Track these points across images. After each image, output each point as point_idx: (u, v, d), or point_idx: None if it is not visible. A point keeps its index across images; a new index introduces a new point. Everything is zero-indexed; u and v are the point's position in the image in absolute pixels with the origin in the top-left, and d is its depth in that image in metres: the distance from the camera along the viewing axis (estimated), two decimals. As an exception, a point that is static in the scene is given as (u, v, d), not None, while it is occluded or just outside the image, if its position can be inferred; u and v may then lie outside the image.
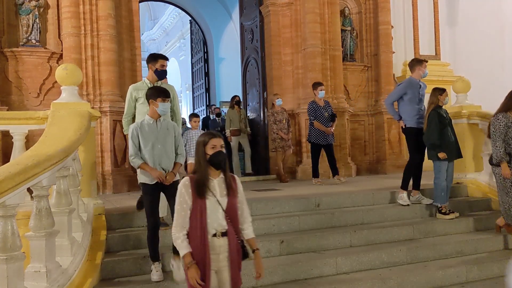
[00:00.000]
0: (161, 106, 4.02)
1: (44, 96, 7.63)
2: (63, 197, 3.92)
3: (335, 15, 9.44)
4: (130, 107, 4.83)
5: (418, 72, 6.18)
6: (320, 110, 7.70)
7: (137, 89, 4.80)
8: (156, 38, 22.66)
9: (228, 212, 2.86)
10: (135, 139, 4.01)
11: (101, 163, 7.39)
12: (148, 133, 4.02)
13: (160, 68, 4.75)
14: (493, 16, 11.36)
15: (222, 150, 2.89)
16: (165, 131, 4.09)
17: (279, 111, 8.54)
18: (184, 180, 2.90)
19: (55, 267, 3.48)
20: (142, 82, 4.87)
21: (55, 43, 7.80)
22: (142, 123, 4.06)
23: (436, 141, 5.75)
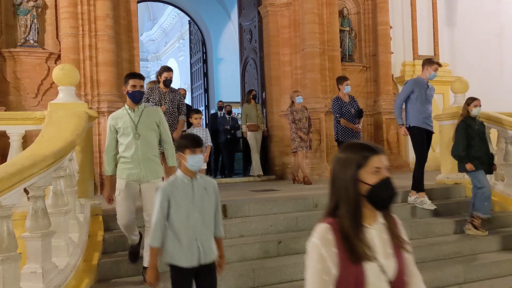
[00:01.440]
0: (191, 160, 2.97)
1: (42, 97, 7.63)
2: (60, 198, 3.92)
3: (334, 15, 9.45)
4: (110, 140, 4.03)
5: (426, 71, 6.02)
6: (346, 106, 7.11)
7: (117, 118, 4.02)
8: (155, 39, 22.67)
9: (396, 283, 1.66)
10: (164, 203, 2.95)
11: (99, 163, 7.37)
12: (181, 196, 2.97)
13: (131, 89, 3.96)
14: (492, 16, 11.38)
15: (388, 175, 1.71)
16: (203, 192, 3.02)
17: (298, 110, 8.01)
18: (321, 230, 1.68)
19: (51, 268, 3.47)
20: (123, 109, 4.08)
21: (53, 43, 7.79)
22: (175, 182, 3.00)
23: (461, 153, 5.52)
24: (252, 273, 4.34)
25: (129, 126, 3.95)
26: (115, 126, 4.00)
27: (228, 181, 9.28)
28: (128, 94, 3.97)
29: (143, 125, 3.98)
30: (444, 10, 11.16)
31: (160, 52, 22.68)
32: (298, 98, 8.01)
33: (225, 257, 3.22)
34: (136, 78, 4.01)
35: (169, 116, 5.75)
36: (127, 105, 4.04)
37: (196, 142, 3.03)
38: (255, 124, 9.24)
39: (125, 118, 3.96)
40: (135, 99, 3.98)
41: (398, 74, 10.59)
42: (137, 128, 3.95)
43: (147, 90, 5.78)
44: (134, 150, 3.93)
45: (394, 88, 10.46)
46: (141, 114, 4.01)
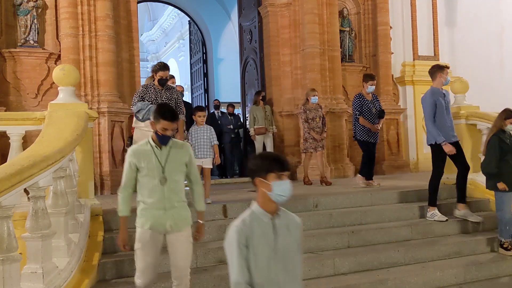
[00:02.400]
0: (278, 188, 2.23)
1: (42, 97, 7.63)
2: (60, 198, 3.91)
3: (334, 15, 9.44)
4: (129, 179, 3.35)
5: (439, 79, 5.76)
6: (367, 104, 6.92)
7: (139, 155, 3.31)
8: (155, 39, 22.68)
9: None
10: (243, 249, 2.20)
11: (99, 163, 7.38)
12: (261, 239, 2.23)
13: (161, 132, 3.27)
14: (492, 16, 11.37)
15: None
16: (286, 234, 2.30)
17: (312, 108, 7.73)
18: None
19: (51, 268, 3.47)
20: (146, 143, 3.36)
21: (53, 43, 7.79)
22: (252, 222, 2.25)
23: (494, 170, 5.26)
24: None
25: (155, 167, 3.27)
26: (137, 164, 3.29)
27: (227, 181, 9.28)
28: (157, 134, 3.29)
29: (171, 166, 3.30)
30: (444, 10, 11.16)
31: (160, 52, 22.68)
32: (313, 98, 7.75)
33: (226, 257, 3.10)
34: (170, 121, 3.23)
35: None
36: (153, 140, 3.32)
37: (283, 163, 2.27)
38: (262, 127, 8.94)
39: (150, 157, 3.28)
40: (163, 141, 3.31)
41: (398, 75, 10.59)
42: (164, 171, 3.27)
43: (141, 88, 5.68)
44: (160, 197, 3.26)
45: (394, 88, 10.46)
46: (169, 153, 3.31)
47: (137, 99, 5.52)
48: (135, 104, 5.52)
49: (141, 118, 5.38)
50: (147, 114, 5.25)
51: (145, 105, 5.37)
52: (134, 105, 5.53)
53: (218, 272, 4.26)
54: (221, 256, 4.56)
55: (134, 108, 5.52)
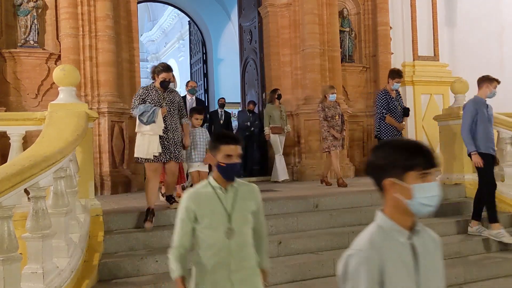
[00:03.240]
0: (423, 191, 1.57)
1: (42, 97, 7.63)
2: (60, 198, 3.91)
3: (334, 16, 9.45)
4: (184, 233, 2.51)
5: (485, 90, 5.62)
6: (393, 102, 6.58)
7: (199, 199, 2.50)
8: (155, 39, 22.69)
9: None
10: None
11: (99, 164, 7.38)
12: (399, 268, 1.58)
13: (224, 161, 2.49)
14: (492, 16, 11.37)
15: None
16: (427, 258, 1.65)
17: (331, 106, 7.47)
18: None
19: (52, 268, 3.47)
20: (206, 185, 2.54)
21: (53, 44, 7.79)
22: (383, 244, 1.59)
23: None
24: None
25: (219, 216, 2.47)
26: (196, 212, 2.47)
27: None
28: (219, 168, 2.49)
29: (240, 214, 2.50)
30: (444, 10, 11.16)
31: (160, 53, 22.69)
32: (332, 95, 7.46)
33: None
34: (232, 144, 2.50)
35: (170, 119, 5.18)
36: (214, 179, 2.54)
37: (430, 156, 1.58)
38: (278, 127, 8.62)
39: (213, 203, 2.48)
40: (228, 175, 2.50)
41: (398, 75, 10.57)
42: (231, 221, 2.47)
43: (142, 90, 5.24)
44: (226, 255, 2.46)
45: (394, 88, 10.44)
46: (236, 197, 2.51)
47: (138, 102, 5.11)
48: (136, 107, 5.08)
49: (145, 121, 4.96)
50: (151, 117, 4.95)
51: (149, 107, 4.99)
52: (134, 108, 5.08)
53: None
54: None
55: (135, 111, 5.05)
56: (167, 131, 5.11)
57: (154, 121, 4.96)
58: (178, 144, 5.23)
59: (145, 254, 4.38)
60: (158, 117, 4.99)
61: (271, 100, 8.74)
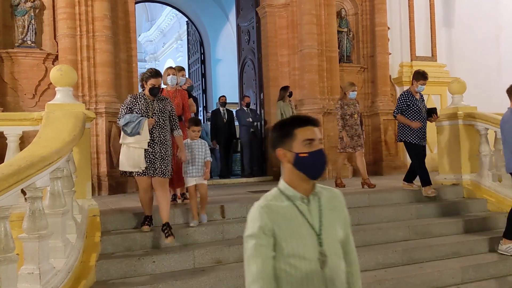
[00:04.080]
0: None
1: (40, 97, 7.62)
2: (57, 199, 3.90)
3: (332, 16, 9.46)
4: (263, 261, 1.79)
5: None
6: (416, 103, 6.30)
7: (275, 213, 1.83)
8: (153, 39, 22.68)
9: None
10: None
11: (96, 164, 7.37)
12: None
13: (306, 149, 1.88)
14: (489, 17, 11.39)
15: None
16: None
17: (350, 104, 7.14)
18: None
19: (48, 269, 3.46)
20: (279, 193, 1.90)
21: (51, 44, 7.78)
22: None
23: None
24: None
25: (307, 238, 1.82)
26: (274, 231, 1.80)
27: (225, 182, 9.28)
28: (300, 162, 1.85)
29: (330, 233, 1.88)
30: (442, 11, 11.18)
31: (158, 53, 22.68)
32: (352, 93, 7.16)
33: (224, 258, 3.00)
34: (311, 125, 1.87)
35: (159, 131, 4.73)
36: (289, 186, 1.88)
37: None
38: None
39: (295, 220, 1.83)
40: (315, 169, 1.89)
41: (395, 75, 10.60)
42: (323, 242, 1.83)
43: (129, 98, 4.83)
44: None
45: (391, 89, 10.47)
46: (321, 209, 1.88)
47: (125, 111, 4.72)
48: (122, 116, 4.71)
49: (129, 132, 4.57)
50: (136, 128, 4.55)
51: (134, 117, 4.60)
52: (121, 118, 4.71)
53: (216, 272, 4.26)
54: (218, 256, 4.56)
55: (121, 121, 4.67)
56: (154, 144, 4.67)
57: (138, 133, 4.57)
58: (166, 158, 4.75)
59: (142, 255, 4.37)
60: (144, 128, 4.58)
61: (282, 97, 8.52)
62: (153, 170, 4.67)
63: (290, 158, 1.86)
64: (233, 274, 4.25)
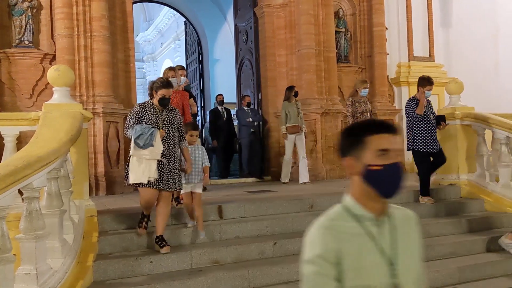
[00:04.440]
0: None
1: (37, 98, 7.60)
2: (54, 199, 3.90)
3: (330, 16, 9.46)
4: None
5: None
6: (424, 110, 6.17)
7: (340, 238, 1.53)
8: (151, 40, 22.66)
9: None
10: None
11: (94, 164, 7.35)
12: None
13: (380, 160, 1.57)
14: (487, 17, 11.41)
15: None
16: None
17: (361, 101, 7.06)
18: None
19: (45, 269, 3.46)
20: (342, 212, 1.60)
21: (48, 44, 7.76)
22: None
23: None
24: (247, 274, 4.33)
25: (378, 268, 1.54)
26: (339, 258, 1.52)
27: (223, 182, 9.28)
28: (371, 175, 1.57)
29: (406, 262, 1.61)
30: (439, 11, 11.20)
31: (156, 53, 22.66)
32: (364, 90, 7.09)
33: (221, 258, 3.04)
34: (388, 132, 1.59)
35: (168, 142, 4.59)
36: (357, 202, 1.60)
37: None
38: (296, 125, 8.09)
39: (363, 246, 1.54)
40: (389, 186, 1.59)
41: (393, 75, 10.61)
42: (397, 274, 1.56)
43: (137, 108, 4.65)
44: None
45: (389, 89, 10.48)
46: (395, 232, 1.61)
47: (133, 121, 4.55)
48: (130, 127, 4.53)
49: (142, 144, 4.37)
50: (149, 139, 4.38)
51: (146, 128, 4.43)
52: (129, 128, 4.54)
53: (213, 273, 4.26)
54: (215, 257, 4.56)
55: (130, 132, 4.50)
56: (162, 156, 4.50)
57: (152, 145, 4.39)
58: (174, 171, 4.62)
59: (140, 255, 4.36)
60: (157, 140, 4.41)
61: (287, 97, 8.28)
62: (161, 183, 4.52)
63: (359, 170, 1.57)
64: (230, 274, 4.26)
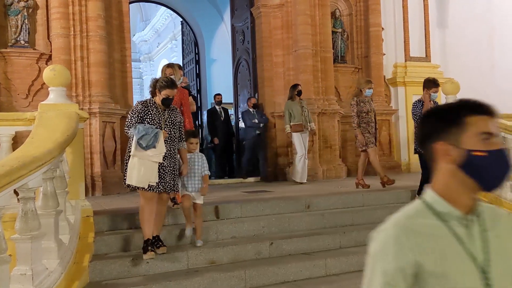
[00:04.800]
0: None
1: (33, 98, 7.58)
2: (50, 199, 3.88)
3: (326, 17, 9.47)
4: None
5: None
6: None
7: (418, 239, 1.25)
8: (147, 39, 22.61)
9: None
10: None
11: (90, 164, 7.34)
12: None
13: (485, 145, 1.28)
14: (483, 18, 11.45)
15: None
16: None
17: (366, 101, 6.96)
18: None
19: (41, 270, 3.44)
20: (423, 209, 1.33)
21: (44, 44, 7.74)
22: None
23: None
24: (244, 274, 4.33)
25: (467, 276, 1.25)
26: (418, 267, 1.24)
27: (220, 182, 9.27)
28: (471, 163, 1.28)
29: (503, 270, 1.28)
30: (436, 12, 11.23)
31: (153, 53, 22.62)
32: (369, 90, 7.03)
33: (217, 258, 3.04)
34: (487, 114, 1.31)
35: (169, 144, 4.46)
36: (441, 198, 1.32)
37: None
38: (300, 124, 8.02)
39: (449, 249, 1.26)
40: (494, 177, 1.30)
41: (390, 76, 10.64)
42: (491, 284, 1.25)
43: (139, 106, 4.47)
44: None
45: (386, 89, 10.50)
46: (486, 233, 1.30)
47: (135, 119, 4.37)
48: (132, 125, 4.34)
49: (145, 145, 4.18)
50: (152, 141, 4.19)
51: (150, 129, 4.24)
52: (131, 127, 4.34)
53: (209, 273, 4.26)
54: (212, 257, 4.56)
55: (132, 131, 4.28)
56: (164, 158, 4.35)
57: (154, 146, 4.21)
58: (175, 173, 4.53)
59: (136, 256, 4.35)
60: (160, 141, 4.25)
61: (291, 96, 8.19)
62: (162, 186, 4.39)
63: (457, 157, 1.29)
64: (227, 274, 4.25)
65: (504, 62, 11.60)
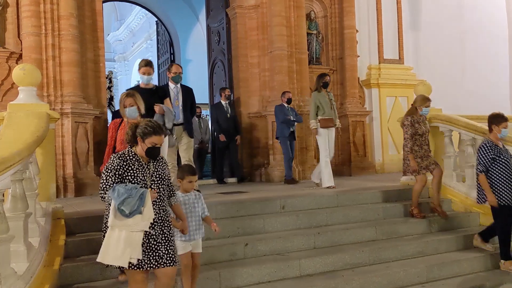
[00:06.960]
0: None
1: (3, 98, 7.38)
2: (19, 201, 3.79)
3: (301, 18, 9.52)
4: None
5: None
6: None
7: None
8: (122, 39, 22.35)
9: None
10: None
11: (62, 166, 7.20)
12: None
13: None
14: (455, 21, 11.72)
15: None
16: None
17: (420, 120, 6.02)
18: None
19: (10, 274, 3.35)
20: None
21: (15, 42, 7.56)
22: None
23: None
24: (218, 276, 4.32)
25: None
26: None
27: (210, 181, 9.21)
28: None
29: None
30: (409, 14, 11.40)
31: (128, 53, 22.37)
32: (426, 109, 6.04)
33: None
34: None
35: (159, 205, 3.44)
36: None
37: None
38: (330, 118, 7.14)
39: None
40: None
41: (364, 77, 10.75)
42: None
43: (118, 161, 3.35)
44: None
45: (360, 91, 10.61)
46: None
47: (113, 179, 3.30)
48: (109, 187, 3.28)
49: (128, 212, 3.16)
50: (137, 205, 3.17)
51: (133, 189, 3.21)
52: (107, 190, 3.28)
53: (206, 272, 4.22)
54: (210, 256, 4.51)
55: (111, 194, 3.20)
56: (154, 224, 3.32)
57: (140, 212, 3.19)
58: (172, 239, 3.45)
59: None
60: (147, 204, 3.22)
61: (317, 88, 7.30)
62: (157, 260, 3.32)
63: None
64: (201, 276, 4.21)
65: (475, 66, 11.90)
